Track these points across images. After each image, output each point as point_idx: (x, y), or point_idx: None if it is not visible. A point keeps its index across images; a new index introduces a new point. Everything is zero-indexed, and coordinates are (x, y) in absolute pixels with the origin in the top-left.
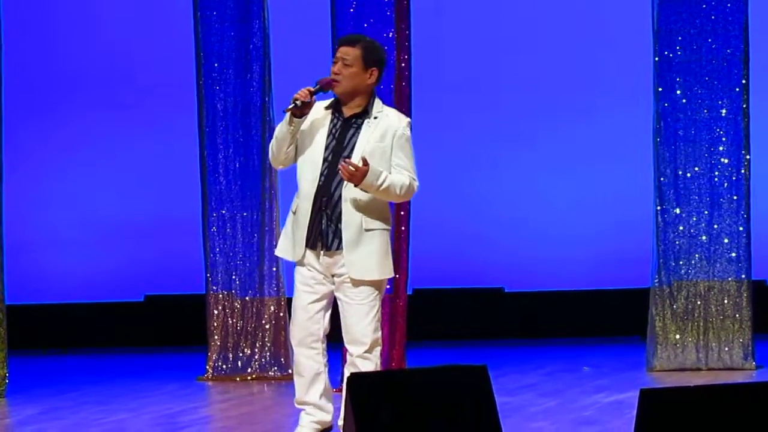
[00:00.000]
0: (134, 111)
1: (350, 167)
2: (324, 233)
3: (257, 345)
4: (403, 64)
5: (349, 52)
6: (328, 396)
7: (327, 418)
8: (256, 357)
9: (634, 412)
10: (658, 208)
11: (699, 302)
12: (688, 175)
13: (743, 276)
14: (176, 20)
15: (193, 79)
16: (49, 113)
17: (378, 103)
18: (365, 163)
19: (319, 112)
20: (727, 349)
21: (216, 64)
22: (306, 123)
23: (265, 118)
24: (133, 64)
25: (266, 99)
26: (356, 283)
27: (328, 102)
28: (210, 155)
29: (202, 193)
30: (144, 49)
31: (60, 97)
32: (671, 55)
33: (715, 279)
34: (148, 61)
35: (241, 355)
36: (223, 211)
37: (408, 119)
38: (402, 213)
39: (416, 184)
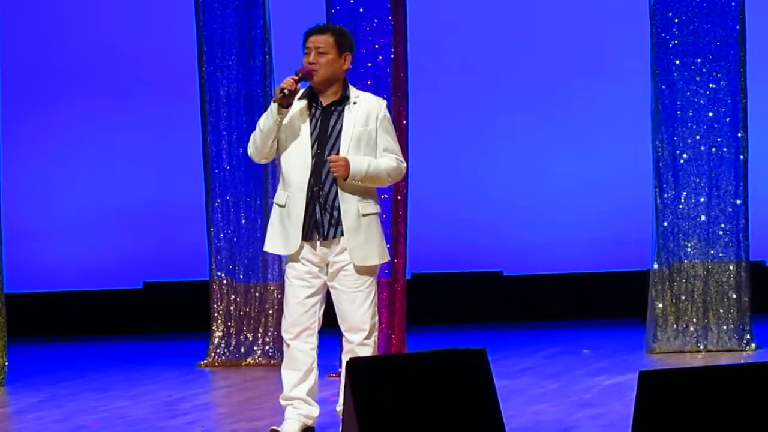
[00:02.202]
0: (135, 98)
1: (336, 162)
2: (319, 223)
3: (260, 331)
4: (399, 48)
5: (322, 40)
6: (314, 394)
7: (314, 412)
8: (259, 343)
9: (634, 394)
10: (657, 190)
11: (698, 284)
12: (686, 156)
13: (742, 257)
14: (178, 6)
15: (195, 65)
16: (49, 101)
17: (353, 88)
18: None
19: (296, 104)
20: (726, 330)
21: (218, 51)
22: (285, 116)
23: (267, 104)
24: (134, 50)
25: (266, 86)
26: (356, 269)
27: (301, 92)
28: (213, 141)
29: (206, 180)
30: (146, 35)
31: (60, 84)
32: (668, 37)
33: (714, 260)
34: (150, 48)
35: (243, 340)
36: (227, 197)
37: (385, 101)
38: (399, 197)
39: (404, 165)
